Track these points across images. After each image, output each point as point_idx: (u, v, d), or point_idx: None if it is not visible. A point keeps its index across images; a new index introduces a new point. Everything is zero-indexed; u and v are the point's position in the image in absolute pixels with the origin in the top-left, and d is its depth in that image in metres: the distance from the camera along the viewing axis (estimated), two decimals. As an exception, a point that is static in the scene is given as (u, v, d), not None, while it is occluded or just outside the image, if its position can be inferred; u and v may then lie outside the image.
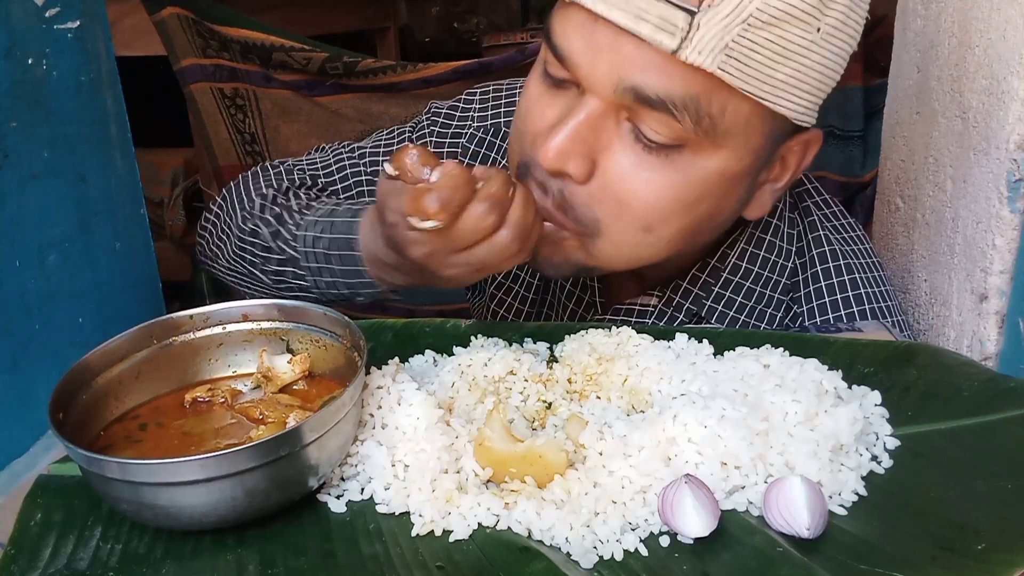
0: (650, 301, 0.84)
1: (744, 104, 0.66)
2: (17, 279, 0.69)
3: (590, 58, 0.67)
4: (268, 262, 0.86)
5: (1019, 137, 0.75)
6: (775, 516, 0.54)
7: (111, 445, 0.61)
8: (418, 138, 0.96)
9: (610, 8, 0.64)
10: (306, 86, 1.76)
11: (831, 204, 0.89)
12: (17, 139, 0.68)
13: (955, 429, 0.63)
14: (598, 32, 0.66)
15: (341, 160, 0.97)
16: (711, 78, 0.64)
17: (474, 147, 0.94)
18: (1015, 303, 0.79)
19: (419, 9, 3.18)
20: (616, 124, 0.69)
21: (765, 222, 0.82)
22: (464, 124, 0.96)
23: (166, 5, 1.61)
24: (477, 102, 0.97)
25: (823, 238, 0.84)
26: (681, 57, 0.63)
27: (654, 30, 0.62)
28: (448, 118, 0.96)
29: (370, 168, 0.96)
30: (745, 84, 0.64)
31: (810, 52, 0.65)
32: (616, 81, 0.66)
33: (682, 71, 0.64)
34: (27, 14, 0.68)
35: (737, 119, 0.67)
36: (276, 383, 0.67)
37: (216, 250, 0.94)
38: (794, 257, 0.83)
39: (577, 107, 0.69)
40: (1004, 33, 0.76)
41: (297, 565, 0.54)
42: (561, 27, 0.69)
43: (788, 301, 0.83)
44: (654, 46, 0.63)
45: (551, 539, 0.55)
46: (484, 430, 0.60)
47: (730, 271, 0.83)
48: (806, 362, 0.66)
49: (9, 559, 0.55)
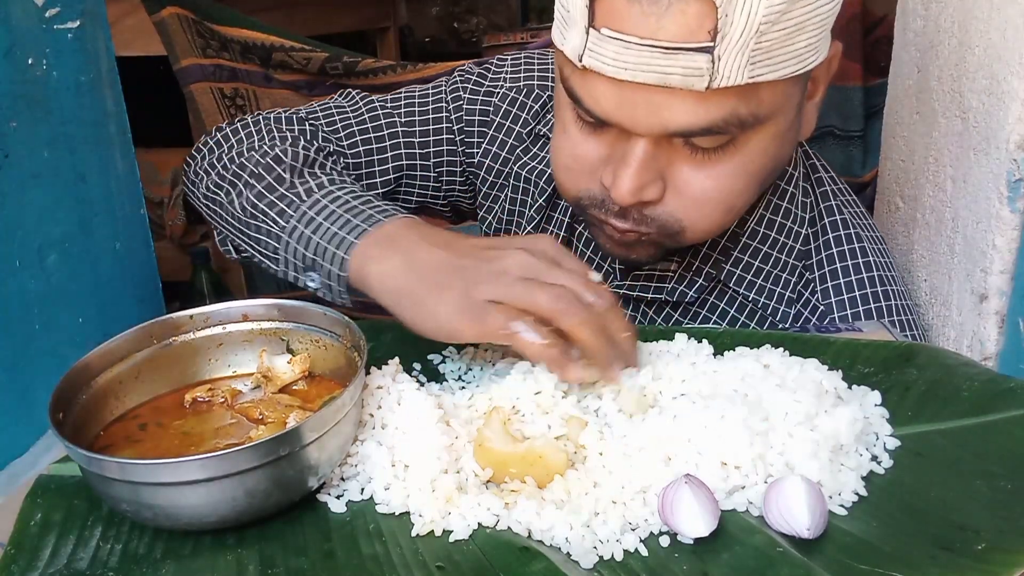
0: (669, 267, 0.86)
1: (778, 84, 0.69)
2: (17, 279, 0.69)
3: (628, 113, 0.69)
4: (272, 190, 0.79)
5: (1019, 137, 0.75)
6: (775, 516, 0.54)
7: (111, 445, 0.61)
8: (451, 93, 0.97)
9: (635, 74, 0.65)
10: (306, 86, 1.76)
11: (838, 181, 0.91)
12: (17, 139, 0.68)
13: (955, 429, 0.63)
14: (626, 91, 0.67)
15: (373, 107, 0.96)
16: (745, 86, 0.66)
17: (506, 106, 0.96)
18: (1015, 303, 0.79)
19: (419, 9, 3.18)
20: (670, 146, 0.71)
21: (782, 189, 0.84)
22: (496, 84, 0.97)
23: (166, 5, 1.61)
24: (509, 65, 0.98)
25: (834, 207, 0.86)
26: (713, 88, 0.65)
27: (683, 79, 0.65)
28: (481, 77, 0.98)
29: (405, 118, 0.96)
30: (777, 72, 0.66)
31: (816, 11, 0.67)
32: (660, 128, 0.68)
33: (718, 97, 0.66)
34: (27, 14, 0.68)
35: (775, 98, 0.69)
36: (276, 383, 0.67)
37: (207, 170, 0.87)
38: (807, 225, 0.85)
39: (629, 146, 0.71)
40: (1004, 33, 0.76)
41: (297, 565, 0.54)
42: (585, 91, 0.71)
43: (801, 268, 0.85)
44: (686, 89, 0.65)
45: (551, 539, 0.55)
46: (484, 431, 0.60)
47: (749, 236, 0.84)
48: (806, 362, 0.66)
49: (9, 559, 0.55)
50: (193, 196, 0.90)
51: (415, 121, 0.96)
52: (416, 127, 0.96)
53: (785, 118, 0.72)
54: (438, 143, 0.96)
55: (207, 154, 0.89)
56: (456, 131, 0.97)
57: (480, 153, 0.97)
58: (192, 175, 0.90)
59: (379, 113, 0.95)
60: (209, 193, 0.86)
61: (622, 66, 0.66)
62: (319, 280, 0.74)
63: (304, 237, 0.75)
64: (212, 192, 0.85)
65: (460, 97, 0.97)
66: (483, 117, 0.96)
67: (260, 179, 0.81)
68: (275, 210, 0.79)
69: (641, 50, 0.65)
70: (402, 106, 0.96)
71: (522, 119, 0.96)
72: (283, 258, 0.77)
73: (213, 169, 0.86)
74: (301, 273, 0.76)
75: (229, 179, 0.83)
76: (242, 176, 0.83)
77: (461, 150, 0.97)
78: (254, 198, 0.80)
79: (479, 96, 0.97)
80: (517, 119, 0.96)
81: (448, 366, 0.74)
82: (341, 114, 0.95)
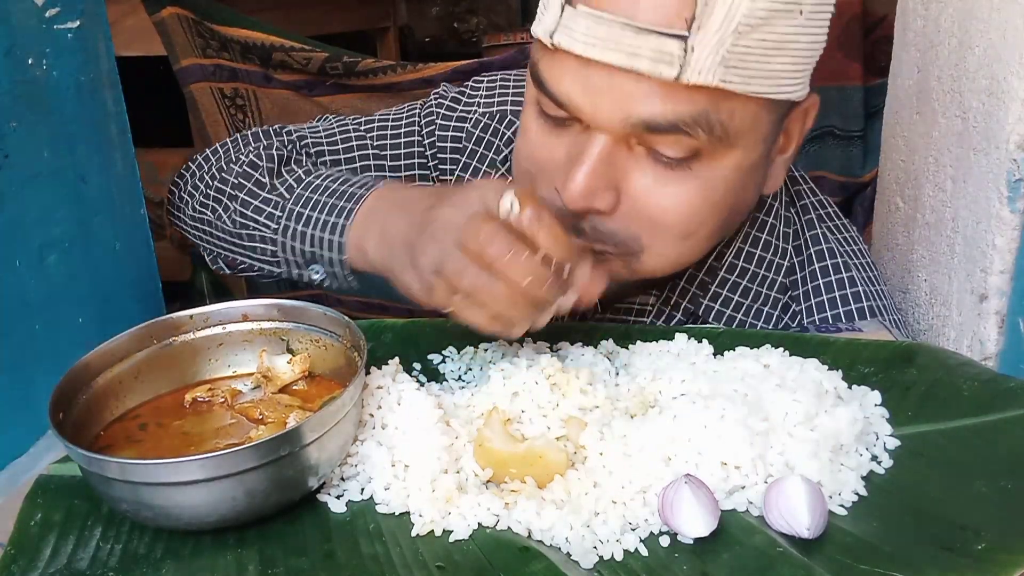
0: (648, 300, 0.85)
1: (750, 103, 0.67)
2: (17, 279, 0.69)
3: (591, 100, 0.67)
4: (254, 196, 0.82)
5: (1019, 137, 0.75)
6: (775, 516, 0.54)
7: (111, 445, 0.61)
8: (425, 117, 0.96)
9: (603, 51, 0.64)
10: (306, 86, 1.75)
11: (826, 204, 0.89)
12: (17, 139, 0.68)
13: (955, 429, 0.63)
14: (593, 74, 0.66)
15: (347, 130, 0.96)
16: (715, 90, 0.64)
17: (479, 132, 0.95)
18: (1015, 303, 0.79)
19: (419, 9, 3.18)
20: (629, 150, 0.69)
21: (761, 221, 0.83)
22: (470, 109, 0.96)
23: (166, 5, 1.61)
24: (484, 89, 0.97)
25: (820, 236, 0.84)
26: (683, 81, 0.63)
27: (652, 64, 0.63)
28: (455, 102, 0.96)
29: (376, 142, 0.95)
30: (748, 87, 0.65)
31: (799, 36, 0.66)
32: (623, 118, 0.66)
33: (686, 92, 0.65)
34: (27, 14, 0.68)
35: (745, 118, 0.68)
36: (276, 383, 0.67)
37: (191, 193, 0.89)
38: (791, 255, 0.84)
39: (588, 144, 0.68)
40: (1004, 33, 0.76)
41: (297, 565, 0.54)
42: (551, 74, 0.69)
43: (786, 300, 0.84)
44: (654, 77, 0.64)
45: (551, 539, 0.55)
46: (484, 431, 0.60)
47: (727, 270, 0.83)
48: (806, 362, 0.66)
49: (9, 559, 0.55)
50: (179, 223, 0.92)
51: (387, 144, 0.95)
52: (388, 150, 0.95)
53: (752, 151, 0.70)
54: (410, 167, 0.95)
55: (189, 178, 0.91)
56: (429, 156, 0.95)
57: (454, 180, 0.95)
58: (178, 201, 0.91)
59: (351, 136, 0.95)
60: (196, 215, 0.88)
61: (591, 42, 0.64)
62: (322, 271, 0.76)
63: (298, 233, 0.76)
64: (199, 213, 0.87)
65: (433, 122, 0.96)
66: (455, 144, 0.95)
67: (241, 188, 0.82)
68: (263, 215, 0.80)
69: (612, 26, 0.63)
70: (375, 129, 0.96)
71: (495, 145, 0.94)
72: (282, 259, 0.78)
73: (197, 190, 0.88)
74: (303, 268, 0.77)
75: (213, 196, 0.85)
76: (224, 190, 0.84)
77: (435, 176, 0.96)
78: (240, 207, 0.81)
79: (451, 121, 0.95)
80: (490, 146, 0.94)
81: (448, 366, 0.74)
82: (315, 135, 0.95)
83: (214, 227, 0.86)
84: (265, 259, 0.80)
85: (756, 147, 0.71)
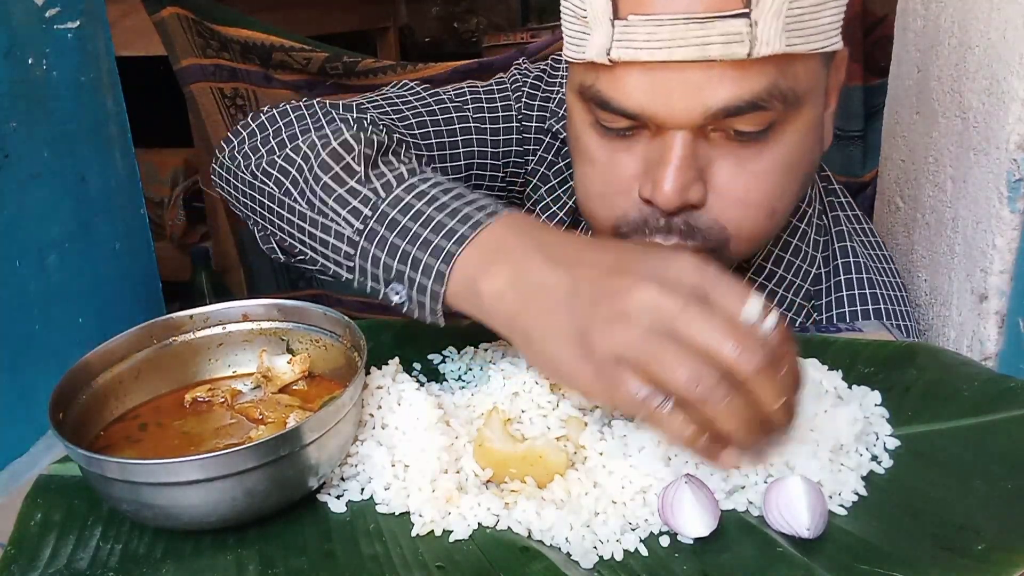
0: None
1: (810, 61, 0.68)
2: (17, 279, 0.69)
3: (664, 101, 0.66)
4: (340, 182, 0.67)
5: (1019, 137, 0.75)
6: (775, 516, 0.54)
7: (111, 445, 0.61)
8: (514, 92, 0.94)
9: (672, 51, 0.63)
10: (306, 86, 1.76)
11: (863, 220, 0.89)
12: (17, 139, 0.68)
13: (955, 429, 0.63)
14: (659, 76, 0.65)
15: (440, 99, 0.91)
16: (781, 56, 0.64)
17: (564, 111, 0.92)
18: (1015, 303, 0.79)
19: (419, 9, 3.18)
20: (707, 139, 0.69)
21: (793, 226, 0.82)
22: (552, 89, 0.94)
23: (166, 5, 1.61)
24: (563, 70, 0.95)
25: (848, 249, 0.84)
26: (754, 56, 0.63)
27: (724, 48, 0.63)
28: (538, 80, 0.95)
29: (474, 113, 0.92)
30: (809, 45, 0.66)
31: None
32: (702, 111, 0.65)
33: (756, 67, 0.65)
34: (27, 14, 0.68)
35: (809, 76, 0.69)
36: (276, 383, 0.67)
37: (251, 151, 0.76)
38: (819, 263, 0.83)
39: (668, 145, 0.67)
40: (1004, 33, 0.76)
41: (297, 565, 0.54)
42: (615, 89, 0.67)
43: (809, 308, 0.83)
44: (724, 60, 0.63)
45: (551, 539, 0.55)
46: (484, 431, 0.60)
47: (755, 271, 0.82)
48: (806, 362, 0.66)
49: (9, 559, 0.55)
50: (227, 187, 0.79)
51: (485, 117, 0.92)
52: (487, 122, 0.92)
53: (815, 108, 0.71)
54: (508, 141, 0.93)
55: (247, 138, 0.77)
56: (522, 128, 0.93)
57: (535, 160, 0.94)
58: (227, 161, 0.78)
59: (448, 104, 0.91)
60: (255, 182, 0.74)
61: (657, 46, 0.63)
62: (405, 293, 0.63)
63: (388, 243, 0.63)
64: (259, 182, 0.73)
65: (522, 97, 0.94)
66: (540, 124, 0.94)
67: (326, 168, 0.68)
68: (347, 208, 0.66)
69: (675, 25, 0.63)
70: (469, 99, 0.93)
71: None
72: (357, 266, 0.65)
73: (256, 153, 0.75)
74: (382, 284, 0.64)
75: (280, 166, 0.71)
76: (299, 163, 0.70)
77: (524, 149, 0.94)
78: (320, 191, 0.67)
79: (536, 101, 0.94)
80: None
81: (448, 366, 0.74)
82: (405, 103, 0.89)
83: (275, 202, 0.72)
84: (335, 259, 0.67)
85: (818, 103, 0.72)
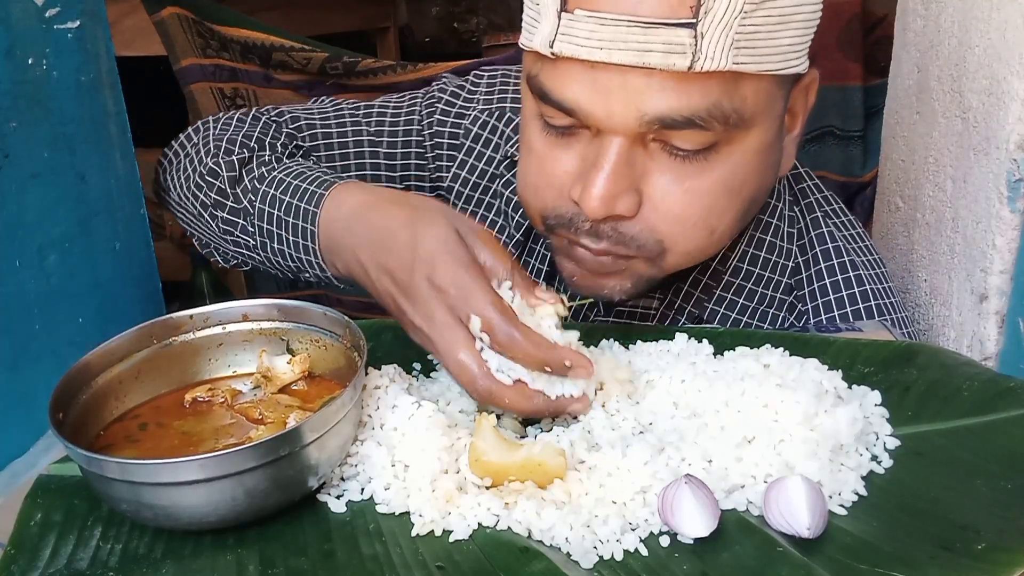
0: (651, 304, 0.84)
1: (762, 82, 0.66)
2: (17, 279, 0.69)
3: (602, 103, 0.65)
4: (220, 207, 0.81)
5: (1019, 137, 0.75)
6: (775, 516, 0.54)
7: (111, 445, 0.61)
8: (426, 108, 0.94)
9: (612, 52, 0.62)
10: (306, 86, 1.75)
11: (832, 201, 0.88)
12: (17, 139, 0.68)
13: (955, 429, 0.63)
14: (600, 76, 0.64)
15: (342, 115, 0.94)
16: (727, 74, 0.63)
17: (476, 129, 0.93)
18: (1015, 303, 0.79)
19: (419, 9, 3.17)
20: (645, 149, 0.67)
21: (765, 223, 0.82)
22: (470, 105, 0.94)
23: (166, 5, 1.61)
24: (484, 85, 0.95)
25: (825, 235, 0.83)
26: (696, 69, 0.62)
27: (664, 57, 0.62)
28: (455, 96, 0.95)
29: (374, 128, 0.93)
30: (759, 66, 0.64)
31: (801, 6, 0.65)
32: (637, 116, 0.64)
33: (699, 82, 0.63)
34: (27, 14, 0.68)
35: (759, 98, 0.67)
36: (276, 383, 0.67)
37: (172, 181, 0.88)
38: (796, 255, 0.83)
39: (603, 149, 0.67)
40: (1004, 33, 0.76)
41: (297, 565, 0.54)
42: (556, 84, 0.67)
43: (792, 300, 0.83)
44: (665, 70, 0.62)
45: (551, 539, 0.55)
46: (477, 443, 0.59)
47: (731, 273, 0.82)
48: (806, 362, 0.66)
49: (9, 559, 0.55)
50: (168, 206, 0.92)
51: (384, 131, 0.93)
52: (384, 136, 0.93)
53: (767, 132, 0.69)
54: (406, 156, 0.94)
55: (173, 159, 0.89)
56: (428, 147, 0.94)
57: (450, 177, 0.93)
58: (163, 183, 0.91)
59: (346, 119, 0.93)
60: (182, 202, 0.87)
61: (596, 45, 0.62)
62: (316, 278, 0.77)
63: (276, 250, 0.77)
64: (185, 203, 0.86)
65: (434, 113, 0.94)
66: (452, 140, 0.93)
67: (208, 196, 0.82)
68: (238, 228, 0.80)
69: (618, 26, 0.61)
70: (373, 115, 0.94)
71: (493, 143, 0.92)
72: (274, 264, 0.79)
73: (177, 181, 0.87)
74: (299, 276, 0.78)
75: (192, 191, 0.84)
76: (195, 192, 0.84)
77: (432, 166, 0.94)
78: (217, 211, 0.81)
79: (450, 117, 0.93)
80: (488, 143, 0.92)
81: (448, 366, 0.74)
82: (308, 116, 0.94)
83: (200, 223, 0.85)
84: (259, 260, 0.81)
85: (770, 127, 0.70)
